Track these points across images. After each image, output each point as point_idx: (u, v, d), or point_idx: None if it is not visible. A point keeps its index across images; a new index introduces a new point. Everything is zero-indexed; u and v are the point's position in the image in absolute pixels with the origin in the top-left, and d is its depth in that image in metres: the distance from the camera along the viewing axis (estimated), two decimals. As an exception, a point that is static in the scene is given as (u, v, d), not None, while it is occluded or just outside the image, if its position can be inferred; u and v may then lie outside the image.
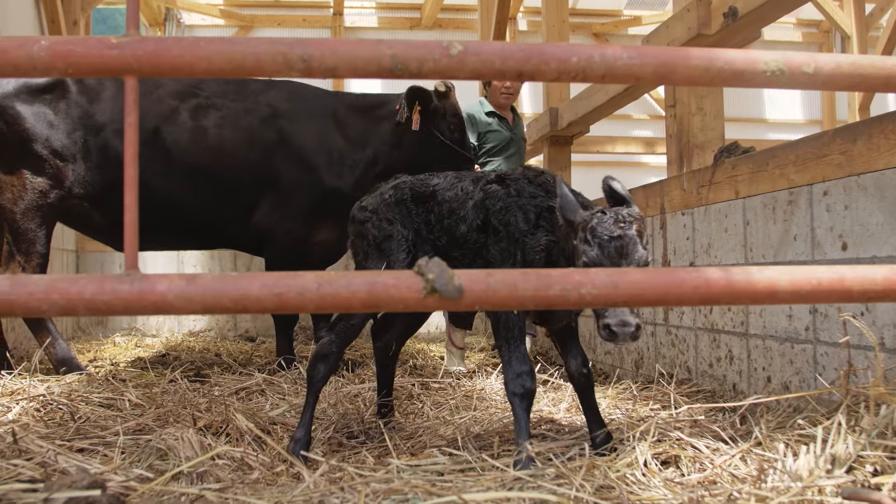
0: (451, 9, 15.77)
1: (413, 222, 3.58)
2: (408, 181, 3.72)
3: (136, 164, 1.30)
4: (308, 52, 1.31)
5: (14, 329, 7.32)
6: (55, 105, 5.82)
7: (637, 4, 16.65)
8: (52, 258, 8.56)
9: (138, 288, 1.26)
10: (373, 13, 16.52)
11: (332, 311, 1.32)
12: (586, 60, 1.39)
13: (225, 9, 15.60)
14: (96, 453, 3.10)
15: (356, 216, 3.73)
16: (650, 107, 16.66)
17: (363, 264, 3.63)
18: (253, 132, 6.26)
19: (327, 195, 6.34)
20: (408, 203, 3.61)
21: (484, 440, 3.49)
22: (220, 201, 6.26)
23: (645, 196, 5.53)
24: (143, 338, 9.01)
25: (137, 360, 6.46)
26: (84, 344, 8.25)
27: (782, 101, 17.06)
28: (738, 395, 4.24)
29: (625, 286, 1.38)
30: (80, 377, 5.21)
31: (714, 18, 4.92)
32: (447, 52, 1.35)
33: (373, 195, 3.76)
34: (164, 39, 1.31)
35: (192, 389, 4.57)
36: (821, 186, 3.67)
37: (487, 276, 1.33)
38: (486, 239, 3.39)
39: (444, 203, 3.54)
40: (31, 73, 1.30)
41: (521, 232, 3.27)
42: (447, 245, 3.52)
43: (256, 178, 6.26)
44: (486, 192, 3.42)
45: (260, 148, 6.25)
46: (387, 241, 3.55)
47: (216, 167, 6.13)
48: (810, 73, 1.49)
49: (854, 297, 1.49)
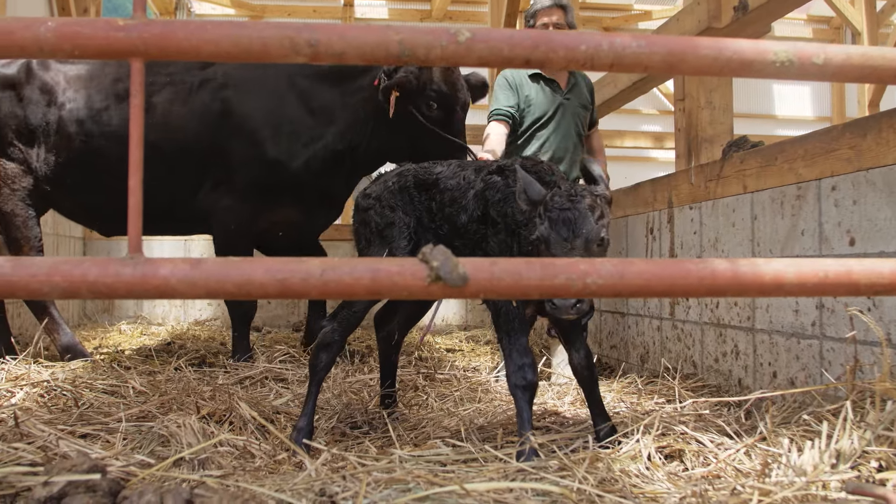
0: (462, 1, 15.74)
1: (415, 210, 3.58)
2: (412, 168, 3.71)
3: (140, 147, 1.29)
4: (315, 37, 1.30)
5: (20, 315, 7.33)
6: (20, 90, 5.81)
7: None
8: (59, 245, 8.60)
9: (141, 272, 1.25)
10: (383, 4, 16.49)
11: (336, 298, 1.31)
12: (594, 48, 1.38)
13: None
14: (98, 439, 3.10)
15: (360, 204, 3.73)
16: (659, 102, 16.65)
17: (365, 251, 3.63)
18: (201, 105, 5.86)
19: (273, 171, 5.78)
20: (410, 190, 3.61)
21: (487, 432, 3.49)
22: (170, 181, 5.84)
23: (653, 190, 5.51)
24: (148, 326, 9.01)
25: (142, 348, 6.46)
26: (90, 331, 8.26)
27: (792, 96, 17.03)
28: (743, 389, 4.22)
29: (630, 276, 1.37)
30: (84, 364, 5.21)
31: (724, 12, 4.91)
32: (455, 38, 1.34)
33: (377, 183, 3.75)
34: (171, 22, 1.30)
35: (197, 378, 4.57)
36: (829, 181, 3.65)
37: (492, 265, 1.32)
38: (486, 230, 3.39)
39: (445, 191, 3.53)
40: (37, 54, 1.29)
41: (516, 223, 3.26)
42: (448, 234, 3.51)
43: (202, 153, 5.84)
44: (487, 183, 3.41)
45: (206, 121, 5.83)
46: (389, 228, 3.55)
47: (164, 144, 5.76)
48: (820, 65, 1.48)
49: (861, 290, 1.48)
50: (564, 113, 5.75)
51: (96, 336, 7.84)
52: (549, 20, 5.62)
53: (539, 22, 5.67)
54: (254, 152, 5.78)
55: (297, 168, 5.81)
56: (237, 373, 4.98)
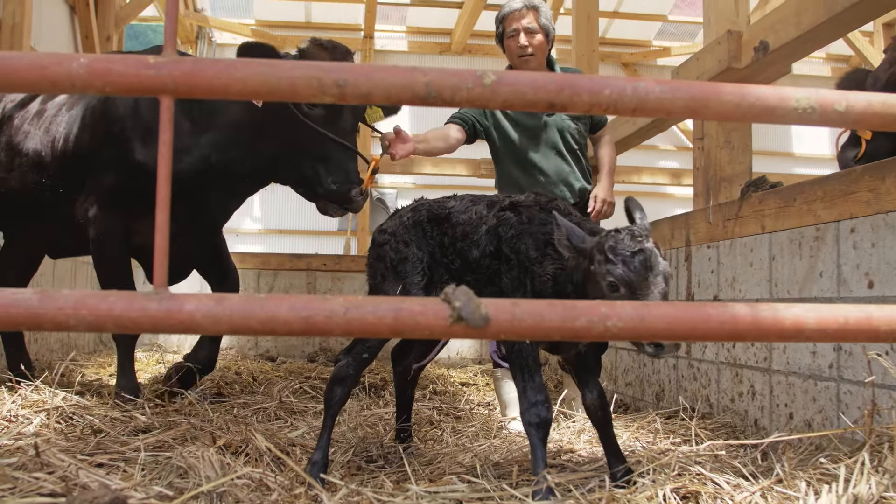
0: (481, 35, 15.81)
1: (428, 244, 3.57)
2: (426, 203, 3.71)
3: (168, 184, 1.31)
4: (343, 78, 1.32)
5: (36, 341, 7.37)
6: None
7: (667, 35, 16.70)
8: (76, 270, 8.64)
9: (166, 307, 1.27)
10: (403, 37, 16.61)
11: (360, 336, 1.33)
12: (618, 93, 1.40)
13: (256, 28, 15.71)
14: (117, 469, 3.11)
15: (376, 239, 3.73)
16: (677, 138, 16.65)
17: (380, 286, 3.61)
18: (84, 109, 5.16)
19: (141, 174, 4.89)
20: (424, 225, 3.60)
21: (503, 468, 3.48)
22: (54, 193, 5.21)
23: (671, 228, 5.52)
24: (164, 354, 9.03)
25: (158, 377, 6.48)
26: (105, 358, 8.28)
27: (809, 135, 17.02)
28: (759, 430, 4.21)
29: (651, 320, 1.37)
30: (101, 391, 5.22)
31: (745, 52, 4.93)
32: (480, 81, 1.35)
33: (392, 218, 3.76)
34: (201, 61, 1.32)
35: (212, 408, 4.58)
36: (848, 223, 3.65)
37: (513, 306, 1.33)
38: (500, 266, 3.37)
39: (457, 226, 3.52)
40: (69, 89, 1.31)
41: (530, 260, 3.25)
42: (460, 269, 3.50)
43: (79, 160, 5.09)
44: (500, 219, 3.40)
45: (86, 127, 5.09)
46: (402, 264, 3.54)
47: (49, 154, 5.17)
48: (842, 111, 1.49)
49: (881, 336, 1.48)
50: (547, 129, 5.41)
51: (112, 363, 7.85)
52: (519, 25, 5.24)
53: (510, 27, 5.29)
54: (123, 152, 5.01)
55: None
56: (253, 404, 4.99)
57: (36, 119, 5.33)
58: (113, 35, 10.73)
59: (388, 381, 6.39)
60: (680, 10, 15.73)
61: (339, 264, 9.70)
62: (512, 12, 5.29)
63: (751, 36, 4.87)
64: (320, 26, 16.09)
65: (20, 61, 1.29)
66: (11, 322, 1.25)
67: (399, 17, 16.34)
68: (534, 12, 5.27)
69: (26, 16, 7.68)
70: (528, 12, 5.26)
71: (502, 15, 5.36)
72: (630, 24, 16.21)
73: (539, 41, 5.30)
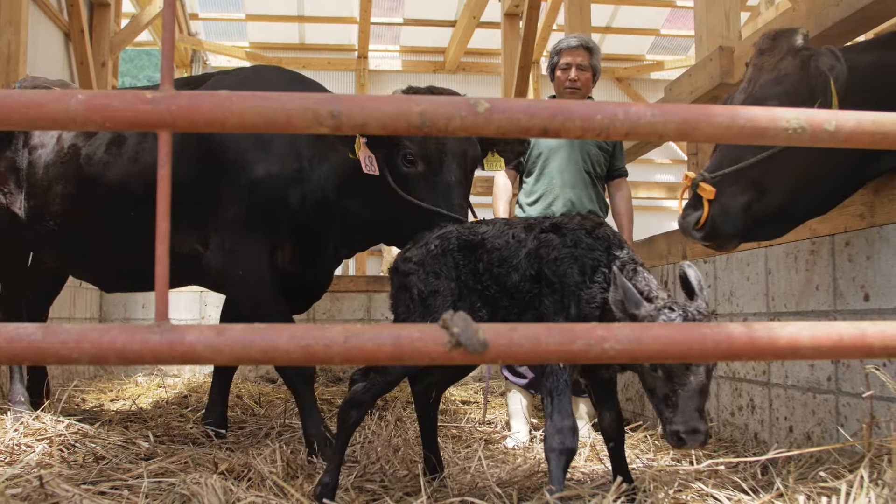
0: (475, 52, 15.90)
1: (459, 273, 3.43)
2: (454, 230, 3.53)
3: (167, 218, 1.32)
4: (337, 108, 1.34)
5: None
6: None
7: (660, 49, 16.78)
8: (76, 298, 8.64)
9: (168, 339, 1.28)
10: (397, 56, 16.67)
11: (359, 364, 1.34)
12: (610, 118, 1.41)
13: (251, 51, 15.76)
14: (121, 497, 3.11)
15: (400, 268, 3.55)
16: (673, 151, 16.69)
17: (405, 319, 3.45)
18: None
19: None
20: (454, 253, 3.46)
21: (505, 487, 3.48)
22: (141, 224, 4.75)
23: (667, 243, 5.53)
24: (164, 378, 9.02)
25: (159, 401, 6.48)
26: (106, 383, 8.29)
27: (804, 148, 17.03)
28: (759, 444, 4.21)
29: (648, 341, 1.39)
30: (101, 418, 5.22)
31: (737, 68, 4.96)
32: (474, 109, 1.37)
33: (418, 246, 3.57)
34: (198, 95, 1.33)
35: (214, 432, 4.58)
36: (843, 237, 3.67)
37: (511, 331, 1.34)
38: (540, 289, 3.28)
39: (493, 251, 3.39)
40: (69, 126, 1.32)
41: (576, 284, 3.17)
42: (496, 294, 3.38)
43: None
44: (541, 241, 3.30)
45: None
46: (433, 297, 3.40)
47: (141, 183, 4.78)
48: (832, 131, 1.50)
49: (875, 352, 1.49)
50: (572, 149, 5.56)
51: (112, 388, 7.85)
52: (573, 60, 5.63)
53: (563, 60, 5.68)
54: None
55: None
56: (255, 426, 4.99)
57: (115, 147, 4.92)
58: (108, 61, 10.77)
59: (397, 400, 6.35)
60: (671, 23, 15.78)
61: (338, 285, 9.67)
62: (569, 48, 5.70)
63: (742, 51, 4.90)
64: (315, 47, 16.17)
65: (18, 99, 1.30)
66: (16, 356, 1.27)
67: (392, 37, 16.42)
68: (588, 52, 5.69)
69: (21, 45, 7.72)
70: (583, 52, 5.67)
71: (559, 48, 5.76)
72: (623, 38, 16.27)
73: (586, 78, 5.72)
